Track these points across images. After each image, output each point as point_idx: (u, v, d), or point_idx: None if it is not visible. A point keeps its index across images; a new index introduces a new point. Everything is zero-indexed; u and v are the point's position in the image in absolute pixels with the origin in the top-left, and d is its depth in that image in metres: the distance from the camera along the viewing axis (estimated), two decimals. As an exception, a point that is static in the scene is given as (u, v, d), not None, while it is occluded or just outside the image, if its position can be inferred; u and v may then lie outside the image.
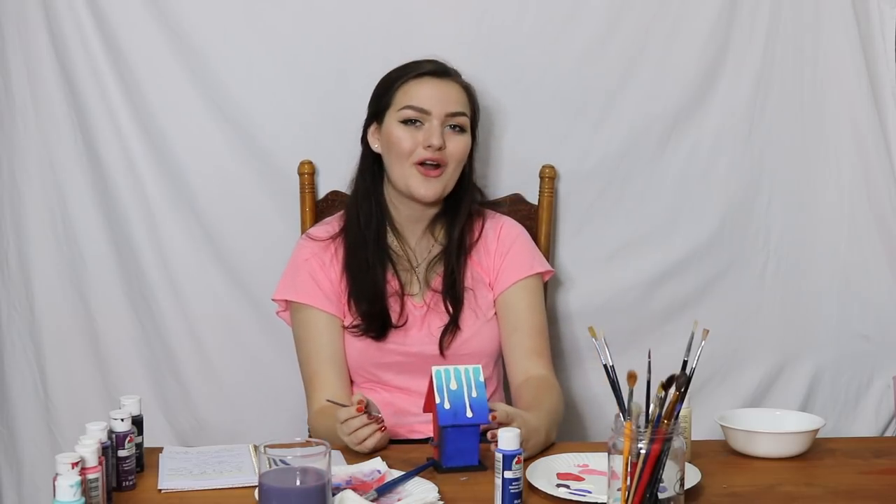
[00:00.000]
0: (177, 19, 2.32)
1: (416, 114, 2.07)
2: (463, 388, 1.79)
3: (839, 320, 2.52)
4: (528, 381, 2.07)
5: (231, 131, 2.37)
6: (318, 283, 2.10)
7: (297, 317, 2.12)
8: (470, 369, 1.80)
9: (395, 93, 2.10)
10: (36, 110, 2.37)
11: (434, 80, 2.10)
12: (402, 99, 2.09)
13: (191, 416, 2.43)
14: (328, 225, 2.18)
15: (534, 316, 2.14)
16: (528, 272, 2.15)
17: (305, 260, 2.12)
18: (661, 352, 1.60)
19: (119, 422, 1.67)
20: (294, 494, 1.44)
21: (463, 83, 2.14)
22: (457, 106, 2.10)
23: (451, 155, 2.08)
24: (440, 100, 2.08)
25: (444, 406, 1.77)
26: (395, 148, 2.08)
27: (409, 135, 2.07)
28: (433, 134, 2.06)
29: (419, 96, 2.08)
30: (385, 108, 2.11)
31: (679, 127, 2.44)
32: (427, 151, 2.06)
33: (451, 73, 2.13)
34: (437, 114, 2.07)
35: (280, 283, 2.15)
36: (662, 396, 1.44)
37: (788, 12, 2.43)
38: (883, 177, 2.46)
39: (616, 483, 1.46)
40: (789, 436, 1.87)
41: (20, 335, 2.43)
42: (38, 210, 2.40)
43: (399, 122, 2.08)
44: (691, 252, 2.49)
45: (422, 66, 2.11)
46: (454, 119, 2.09)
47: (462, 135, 2.10)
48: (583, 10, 2.39)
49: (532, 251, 2.20)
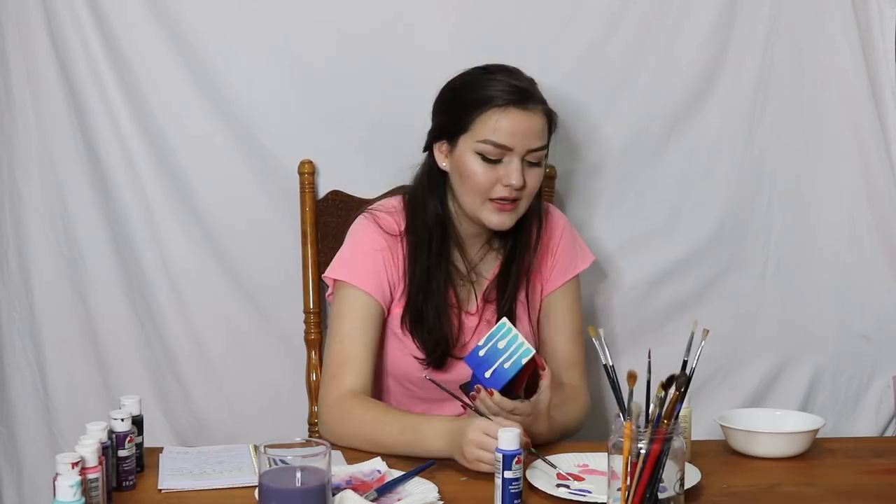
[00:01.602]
0: (177, 19, 2.32)
1: (496, 151, 1.94)
2: (506, 353, 1.80)
3: (839, 320, 2.52)
4: (561, 388, 2.06)
5: (231, 131, 2.37)
6: (385, 275, 2.01)
7: (347, 295, 2.00)
8: (524, 346, 1.79)
9: (473, 119, 1.95)
10: (36, 110, 2.37)
11: (519, 113, 1.94)
12: (482, 130, 1.94)
13: (191, 416, 2.43)
14: (394, 215, 2.05)
15: (572, 319, 2.14)
16: (570, 274, 2.13)
17: (378, 250, 2.01)
18: (661, 352, 1.60)
19: (119, 422, 1.67)
20: (294, 494, 1.44)
21: (544, 108, 1.99)
22: (540, 140, 1.96)
23: (528, 190, 1.98)
24: (524, 136, 1.94)
25: (479, 352, 1.82)
26: (470, 181, 1.96)
27: (488, 171, 1.95)
28: (513, 173, 1.94)
29: (502, 132, 1.93)
30: (460, 132, 1.97)
31: (679, 127, 2.45)
32: (505, 190, 1.95)
33: (536, 99, 1.97)
34: (520, 150, 1.94)
35: (337, 260, 2.05)
36: (662, 396, 1.44)
37: (788, 12, 2.43)
38: (883, 177, 2.46)
39: (616, 483, 1.46)
40: (789, 436, 1.87)
41: (20, 335, 2.43)
42: (38, 210, 2.40)
43: (476, 153, 1.95)
44: (691, 252, 2.49)
45: (506, 93, 1.95)
46: (535, 154, 1.96)
47: (539, 168, 1.98)
48: (582, 10, 2.39)
49: (573, 248, 2.16)
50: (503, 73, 1.99)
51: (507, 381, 1.80)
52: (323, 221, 2.34)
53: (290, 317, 2.36)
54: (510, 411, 1.77)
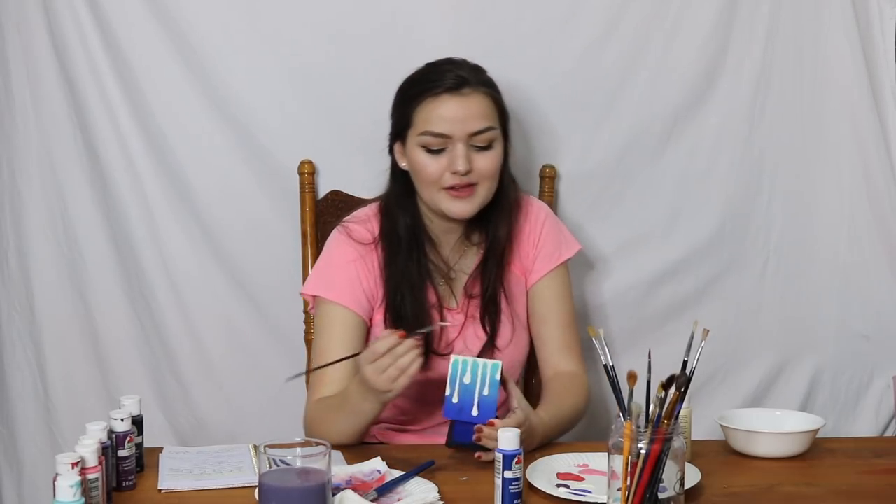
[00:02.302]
0: (177, 19, 2.32)
1: (436, 140, 1.96)
2: (476, 383, 1.78)
3: (839, 320, 2.52)
4: (557, 377, 2.06)
5: (231, 131, 2.37)
6: (360, 286, 2.01)
7: (325, 311, 2.02)
8: (489, 365, 1.79)
9: (413, 114, 1.98)
10: (36, 110, 2.37)
11: (453, 99, 1.96)
12: (421, 123, 1.97)
13: (191, 416, 2.43)
14: (367, 223, 2.07)
15: (563, 306, 2.12)
16: (555, 263, 2.12)
17: (350, 261, 2.02)
18: (661, 352, 1.60)
19: (119, 422, 1.67)
20: (294, 494, 1.44)
21: (485, 91, 1.99)
22: (481, 123, 1.97)
23: (480, 174, 1.97)
24: (461, 120, 1.95)
25: (452, 399, 1.78)
26: (421, 174, 1.99)
27: (433, 161, 1.97)
28: (457, 159, 1.95)
29: (438, 120, 1.95)
30: (405, 129, 2.00)
31: (679, 127, 2.44)
32: (454, 178, 1.96)
33: (472, 83, 1.98)
34: (460, 136, 1.95)
35: (311, 277, 2.07)
36: (662, 396, 1.44)
37: (788, 12, 2.43)
38: (883, 177, 2.46)
39: (616, 483, 1.46)
40: (789, 436, 1.87)
41: (20, 335, 2.43)
42: (38, 210, 2.40)
43: (420, 146, 1.98)
44: (691, 252, 2.49)
45: (438, 81, 1.97)
46: (479, 138, 1.96)
47: (490, 151, 1.98)
48: (582, 10, 2.39)
49: (558, 236, 2.14)
50: (443, 64, 2.01)
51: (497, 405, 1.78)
52: (323, 221, 2.34)
53: (290, 317, 2.36)
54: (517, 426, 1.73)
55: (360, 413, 1.86)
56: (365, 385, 1.79)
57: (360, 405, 1.84)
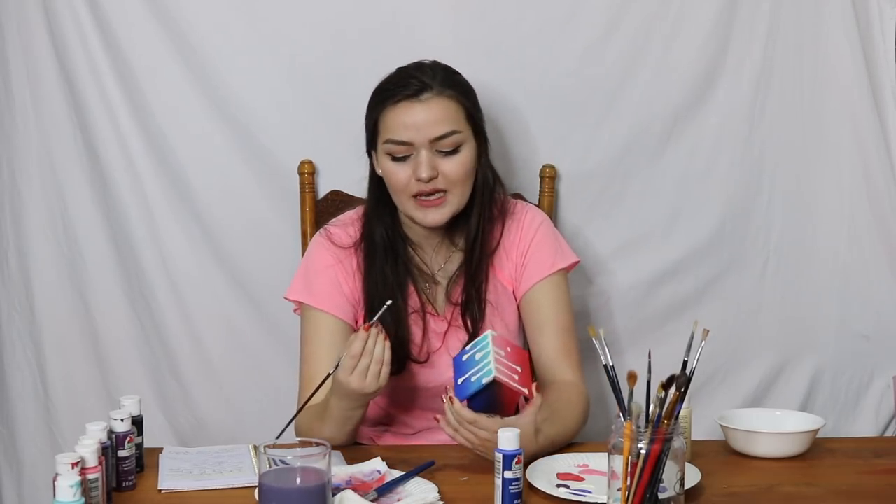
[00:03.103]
0: (177, 19, 2.32)
1: (400, 148, 1.94)
2: (476, 367, 1.76)
3: (839, 320, 2.52)
4: (554, 387, 2.00)
5: (231, 131, 2.37)
6: (340, 291, 2.01)
7: (309, 317, 2.03)
8: (488, 366, 1.73)
9: (378, 122, 1.98)
10: (36, 110, 2.37)
11: (411, 105, 1.93)
12: (384, 131, 1.96)
13: (191, 416, 2.43)
14: (348, 227, 2.07)
15: (560, 314, 2.06)
16: (549, 271, 2.06)
17: (328, 266, 2.02)
18: (661, 352, 1.60)
19: (119, 422, 1.67)
20: (294, 494, 1.45)
21: (448, 93, 1.96)
22: (442, 127, 1.93)
23: (448, 179, 1.95)
24: (420, 127, 1.92)
25: (462, 356, 1.79)
26: (389, 183, 1.98)
27: (399, 168, 1.95)
28: (420, 166, 1.92)
29: (398, 127, 1.93)
30: (374, 137, 2.00)
31: (679, 127, 2.44)
32: (418, 185, 1.93)
33: (433, 87, 1.94)
34: (422, 142, 1.92)
35: (294, 282, 2.07)
36: (662, 396, 1.44)
37: (788, 12, 2.43)
38: (883, 177, 2.46)
39: (616, 483, 1.46)
40: (789, 436, 1.87)
41: (20, 335, 2.44)
42: (38, 210, 2.40)
43: (386, 153, 1.97)
44: (691, 252, 2.48)
45: (399, 88, 1.95)
46: (443, 143, 1.93)
47: (456, 154, 1.95)
48: (583, 10, 2.39)
49: (553, 245, 2.09)
50: (410, 69, 1.98)
51: (471, 396, 1.74)
52: (323, 221, 2.32)
53: (290, 317, 2.35)
54: (471, 422, 1.72)
55: (350, 419, 1.86)
56: (350, 394, 1.79)
57: (347, 412, 1.85)
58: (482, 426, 1.72)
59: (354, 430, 1.91)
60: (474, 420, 1.73)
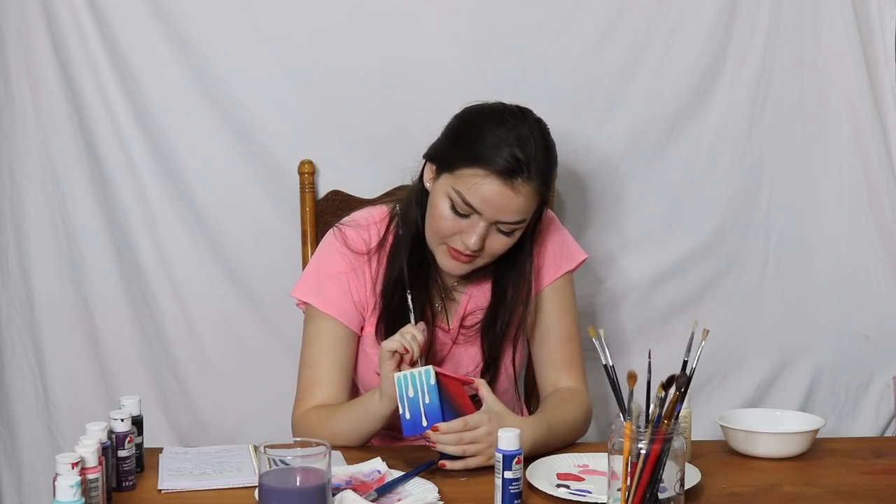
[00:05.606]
0: (177, 19, 2.32)
1: (466, 208, 1.85)
2: (419, 394, 1.75)
3: (839, 320, 2.52)
4: (556, 393, 2.01)
5: (231, 131, 2.37)
6: (350, 298, 1.98)
7: (314, 320, 1.99)
8: (422, 373, 1.75)
9: (459, 167, 1.85)
10: (36, 110, 2.37)
11: (500, 186, 1.82)
12: (461, 182, 1.84)
13: (191, 416, 2.43)
14: (366, 230, 2.01)
15: (564, 321, 2.05)
16: (556, 275, 2.06)
17: (341, 273, 1.98)
18: (661, 352, 1.60)
19: (119, 422, 1.67)
20: (294, 494, 1.45)
21: (536, 185, 1.85)
22: (515, 216, 1.86)
23: (488, 251, 1.90)
24: (498, 208, 1.84)
25: (405, 416, 1.75)
26: (434, 221, 1.90)
27: (452, 220, 1.87)
28: (473, 236, 1.85)
29: (477, 195, 1.83)
30: (446, 168, 1.88)
31: (679, 127, 2.44)
32: (461, 246, 1.88)
33: (526, 173, 1.83)
34: (489, 217, 1.85)
35: (304, 281, 2.03)
36: (662, 396, 1.44)
37: (788, 12, 2.43)
38: (883, 177, 2.46)
39: (616, 483, 1.46)
40: (789, 436, 1.87)
41: (20, 335, 2.43)
42: (38, 210, 2.40)
43: (448, 197, 1.86)
44: (691, 252, 2.49)
45: (497, 155, 1.82)
46: (507, 226, 1.87)
47: (508, 237, 1.89)
48: (583, 10, 2.39)
49: (559, 248, 2.07)
50: (511, 127, 1.87)
51: (440, 409, 1.74)
52: (323, 221, 2.34)
53: (289, 317, 2.35)
54: (464, 428, 1.73)
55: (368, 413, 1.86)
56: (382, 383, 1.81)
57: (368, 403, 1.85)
58: (473, 423, 1.74)
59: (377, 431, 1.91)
60: (464, 423, 1.74)
